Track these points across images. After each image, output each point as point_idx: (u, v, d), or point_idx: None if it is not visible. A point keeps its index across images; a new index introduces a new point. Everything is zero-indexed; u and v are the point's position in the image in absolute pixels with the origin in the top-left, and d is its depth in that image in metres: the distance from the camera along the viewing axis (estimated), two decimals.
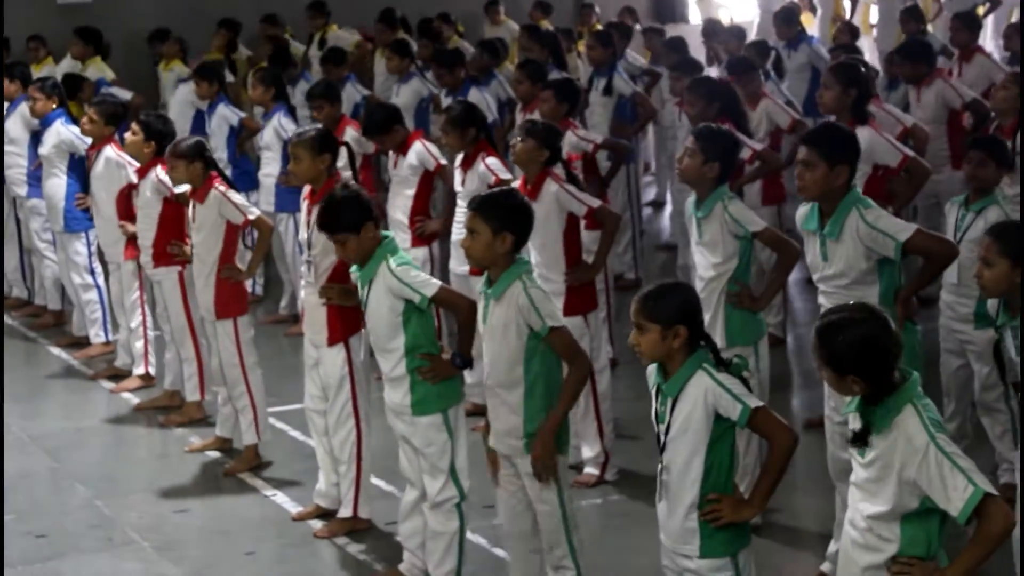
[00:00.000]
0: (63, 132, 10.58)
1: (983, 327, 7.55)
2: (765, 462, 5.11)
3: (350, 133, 10.35)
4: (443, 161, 9.57)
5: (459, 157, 9.02)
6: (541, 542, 6.08)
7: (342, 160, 8.11)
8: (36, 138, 11.00)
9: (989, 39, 17.12)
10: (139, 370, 10.07)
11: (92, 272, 10.74)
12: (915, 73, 11.12)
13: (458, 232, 9.02)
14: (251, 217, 8.37)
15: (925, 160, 9.02)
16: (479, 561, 7.03)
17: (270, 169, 11.29)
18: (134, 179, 9.41)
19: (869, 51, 14.92)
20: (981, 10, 16.03)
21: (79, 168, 10.44)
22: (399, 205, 9.54)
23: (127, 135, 9.14)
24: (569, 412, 5.95)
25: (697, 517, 5.02)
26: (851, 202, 6.33)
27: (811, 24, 17.29)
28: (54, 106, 10.67)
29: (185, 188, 8.64)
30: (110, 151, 9.70)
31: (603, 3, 18.53)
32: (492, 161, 8.84)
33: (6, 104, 11.50)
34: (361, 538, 7.44)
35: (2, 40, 14.63)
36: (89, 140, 10.00)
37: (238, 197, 8.46)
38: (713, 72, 13.46)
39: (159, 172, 8.87)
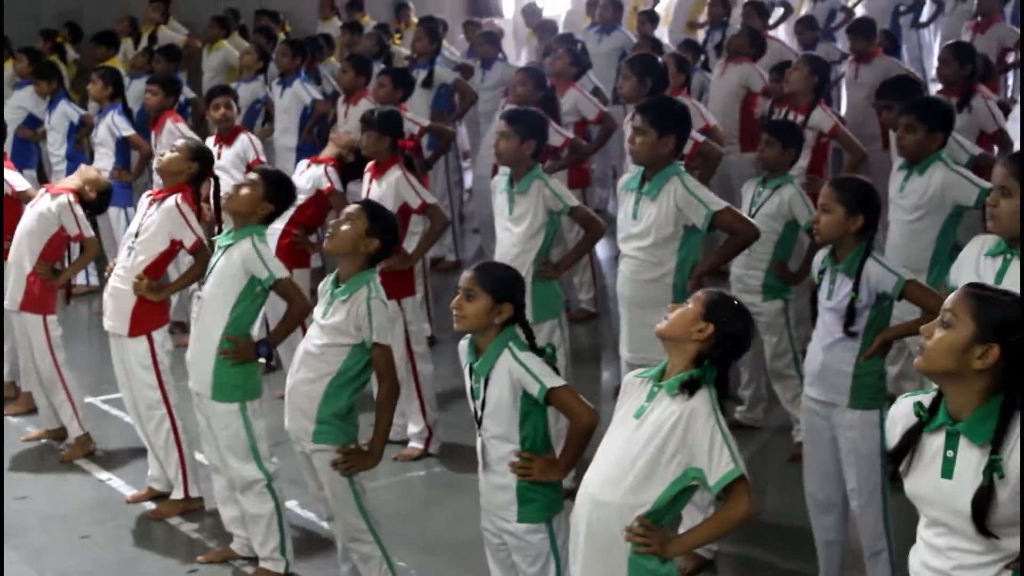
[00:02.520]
0: None
1: (770, 299, 7.97)
2: (566, 437, 5.23)
3: (168, 126, 10.63)
4: (263, 157, 9.98)
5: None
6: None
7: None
8: None
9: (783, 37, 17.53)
10: None
11: None
12: (738, 50, 11.58)
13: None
14: (87, 235, 8.41)
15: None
16: (308, 536, 7.25)
17: (103, 164, 11.27)
18: None
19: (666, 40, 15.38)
20: (773, 18, 16.06)
21: None
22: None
23: None
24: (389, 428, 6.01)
25: (515, 487, 5.16)
26: (674, 171, 6.66)
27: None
28: None
29: (27, 187, 8.94)
30: None
31: (417, 2, 18.85)
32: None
33: None
34: (194, 517, 7.58)
35: None
36: None
37: (81, 211, 8.41)
38: (523, 60, 13.87)
39: None
